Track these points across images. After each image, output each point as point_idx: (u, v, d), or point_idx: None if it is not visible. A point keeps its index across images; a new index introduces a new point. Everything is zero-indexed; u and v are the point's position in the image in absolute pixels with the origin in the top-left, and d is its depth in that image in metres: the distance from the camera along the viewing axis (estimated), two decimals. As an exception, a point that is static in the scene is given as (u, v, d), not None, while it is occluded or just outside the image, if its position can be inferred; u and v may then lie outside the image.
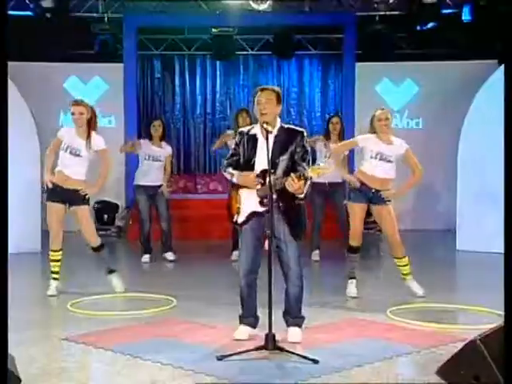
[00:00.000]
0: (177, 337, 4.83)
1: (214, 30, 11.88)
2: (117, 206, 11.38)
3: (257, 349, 4.30)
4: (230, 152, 4.82)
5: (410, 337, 4.83)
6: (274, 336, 4.30)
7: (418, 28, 10.64)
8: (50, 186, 6.11)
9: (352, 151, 8.34)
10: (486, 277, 7.41)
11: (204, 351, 4.45)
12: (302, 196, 4.47)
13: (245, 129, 4.79)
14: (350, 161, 8.46)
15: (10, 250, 3.45)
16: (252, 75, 13.58)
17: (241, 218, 4.63)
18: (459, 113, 9.58)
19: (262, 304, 4.55)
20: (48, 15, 10.21)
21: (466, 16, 9.98)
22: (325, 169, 4.34)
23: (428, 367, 4.07)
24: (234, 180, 4.64)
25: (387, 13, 11.25)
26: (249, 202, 4.59)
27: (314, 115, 13.65)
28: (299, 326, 4.72)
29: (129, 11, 11.55)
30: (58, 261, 6.31)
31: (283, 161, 4.54)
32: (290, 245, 4.56)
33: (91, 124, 6.17)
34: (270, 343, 4.28)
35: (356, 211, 6.07)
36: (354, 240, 6.12)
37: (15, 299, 4.67)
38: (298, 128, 4.76)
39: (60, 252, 6.30)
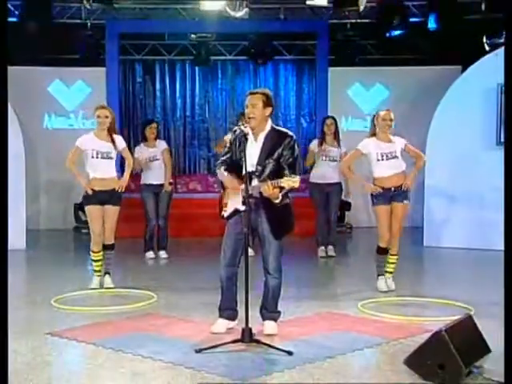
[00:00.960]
0: (157, 331, 4.81)
1: (193, 35, 11.85)
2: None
3: (234, 342, 4.30)
4: (225, 150, 4.75)
5: (379, 329, 4.86)
6: (250, 329, 4.30)
7: (387, 35, 10.69)
8: (91, 192, 6.18)
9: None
10: (451, 271, 7.49)
11: (183, 344, 4.43)
12: (278, 201, 4.44)
13: (239, 127, 4.65)
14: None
15: (-5, 248, 3.40)
16: (230, 79, 13.57)
17: (226, 213, 4.65)
18: (426, 116, 9.65)
19: (240, 299, 4.55)
20: (32, 21, 10.09)
21: (431, 24, 10.05)
22: (294, 182, 4.31)
23: (397, 357, 4.09)
24: (224, 181, 4.62)
25: (358, 20, 11.30)
26: (234, 199, 4.59)
27: (289, 118, 13.67)
28: (275, 320, 4.73)
29: (111, 17, 11.47)
30: (99, 260, 6.36)
31: (270, 163, 4.51)
32: (271, 242, 4.58)
33: (112, 127, 6.30)
34: (247, 336, 4.28)
35: (382, 214, 6.07)
36: (383, 241, 6.11)
37: None
38: (288, 131, 4.70)
39: (101, 253, 6.34)
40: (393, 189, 6.05)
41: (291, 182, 4.30)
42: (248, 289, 4.28)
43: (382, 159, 6.05)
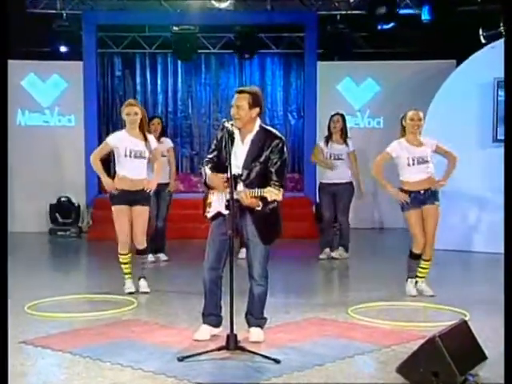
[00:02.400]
0: (137, 338, 4.80)
1: (175, 28, 11.79)
2: (76, 206, 11.23)
3: (218, 349, 4.29)
4: (212, 147, 4.69)
5: (371, 335, 4.87)
6: (235, 336, 4.30)
7: (379, 27, 10.73)
8: (116, 192, 6.18)
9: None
10: (445, 275, 7.53)
11: (165, 352, 4.42)
12: (259, 208, 4.42)
13: (228, 124, 4.52)
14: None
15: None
16: (214, 74, 13.55)
17: (210, 214, 4.63)
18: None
19: (224, 304, 4.54)
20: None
21: (425, 16, 10.11)
22: (276, 194, 4.28)
23: (389, 365, 4.11)
24: (207, 180, 4.57)
25: (348, 12, 11.33)
26: (217, 201, 4.57)
27: (277, 114, 13.67)
28: (261, 326, 4.73)
29: (88, 8, 11.42)
30: (127, 263, 6.37)
31: (256, 166, 4.49)
32: (256, 246, 4.57)
33: (144, 124, 6.30)
34: (232, 343, 4.28)
35: (414, 220, 6.07)
36: (418, 247, 6.12)
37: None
38: (277, 133, 4.63)
39: (129, 254, 6.34)
40: (422, 191, 6.07)
41: (273, 194, 4.28)
42: (233, 293, 4.28)
43: (413, 164, 6.08)
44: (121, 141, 6.24)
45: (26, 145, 11.27)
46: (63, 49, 11.28)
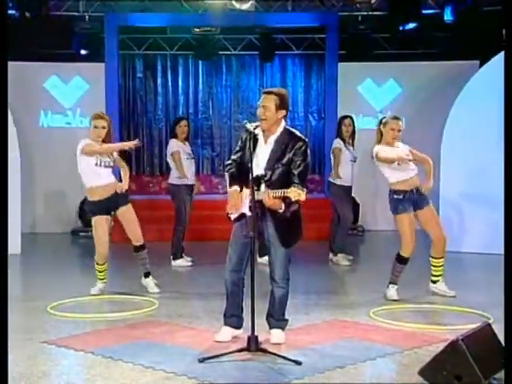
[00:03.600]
0: (158, 339, 4.81)
1: (196, 29, 11.85)
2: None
3: (239, 350, 4.29)
4: (236, 148, 4.69)
5: (392, 338, 4.85)
6: (256, 338, 4.29)
7: (401, 28, 10.68)
8: (91, 202, 6.27)
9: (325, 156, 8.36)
10: (469, 278, 7.47)
11: (186, 353, 4.43)
12: (281, 211, 4.42)
13: (251, 126, 4.55)
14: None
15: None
16: (235, 75, 13.58)
17: (233, 216, 4.63)
18: (442, 114, 9.62)
19: (245, 306, 4.55)
20: (28, 14, 10.12)
21: (447, 16, 10.04)
22: (299, 194, 4.27)
23: (411, 368, 4.09)
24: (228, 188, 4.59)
25: (370, 13, 11.30)
26: (244, 203, 4.57)
27: (297, 115, 13.66)
28: (282, 328, 4.72)
29: (110, 10, 11.50)
30: (103, 271, 6.43)
31: (279, 168, 4.48)
32: (277, 249, 4.57)
33: (108, 136, 6.31)
34: (253, 345, 4.28)
35: (406, 222, 6.01)
36: (408, 251, 6.05)
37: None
38: (301, 135, 4.60)
39: (106, 264, 6.41)
40: (414, 190, 6.03)
41: (297, 194, 4.25)
42: (254, 295, 4.28)
43: (402, 162, 6.03)
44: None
45: (48, 146, 11.39)
46: (85, 51, 11.38)
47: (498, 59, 9.12)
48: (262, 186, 4.46)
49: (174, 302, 6.05)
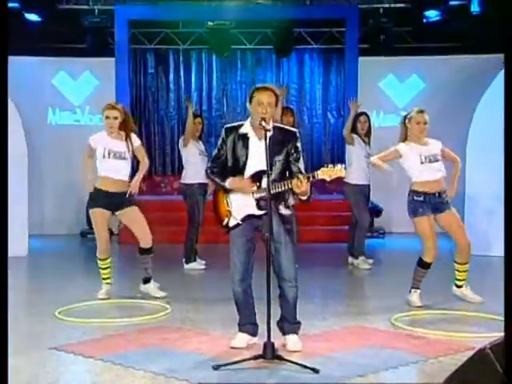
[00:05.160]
0: (170, 345, 4.82)
1: (210, 23, 11.87)
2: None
3: (255, 358, 4.28)
4: (215, 152, 4.71)
5: (415, 345, 4.82)
6: (272, 344, 4.28)
7: (424, 21, 10.62)
8: (93, 191, 6.26)
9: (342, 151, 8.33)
10: (495, 282, 7.40)
11: (199, 360, 4.44)
12: (305, 198, 4.48)
13: (233, 125, 4.70)
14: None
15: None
16: (250, 71, 13.60)
17: (232, 222, 4.63)
18: (467, 111, 9.56)
19: (259, 311, 4.54)
20: (35, 8, 10.19)
21: (474, 7, 9.97)
22: (338, 171, 4.34)
23: (435, 377, 4.05)
24: (226, 185, 4.59)
25: (391, 5, 11.26)
26: (241, 205, 4.58)
27: (315, 113, 13.66)
28: (297, 332, 4.72)
29: (120, 3, 11.55)
30: (107, 268, 6.44)
31: (278, 162, 4.54)
32: (285, 247, 4.58)
33: (127, 125, 6.30)
34: (269, 352, 4.27)
35: (426, 226, 5.97)
36: (430, 256, 6.02)
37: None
38: (291, 128, 4.82)
39: (108, 260, 6.42)
40: (437, 194, 5.98)
41: (333, 172, 4.36)
42: (270, 299, 4.27)
43: (426, 162, 5.98)
44: (100, 141, 6.29)
45: (56, 144, 11.47)
46: (95, 45, 11.43)
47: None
48: (264, 182, 4.47)
49: (186, 307, 6.06)
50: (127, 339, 5.02)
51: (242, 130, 4.63)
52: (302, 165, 4.60)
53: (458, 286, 6.24)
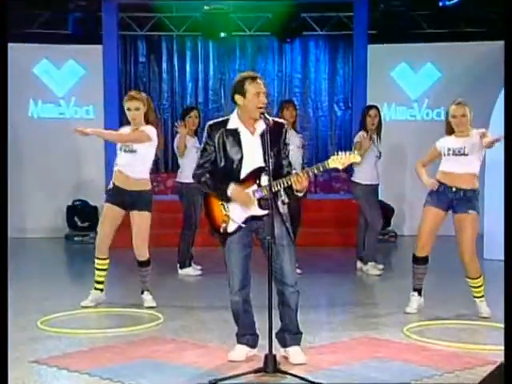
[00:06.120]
0: (163, 358, 4.83)
1: (206, 7, 11.86)
2: (95, 208, 11.36)
3: (255, 371, 4.29)
4: (201, 154, 4.67)
5: (430, 358, 4.83)
6: (274, 357, 4.29)
7: (440, 4, 10.62)
8: (111, 186, 6.34)
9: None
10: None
11: (194, 374, 4.44)
12: (301, 194, 4.50)
13: (218, 121, 4.69)
14: None
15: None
16: (250, 59, 13.61)
17: (232, 227, 4.61)
18: (488, 101, 9.55)
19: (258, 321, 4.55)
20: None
21: (495, -11, 9.97)
22: (351, 157, 4.39)
23: (451, 393, 4.07)
24: (229, 194, 4.53)
25: (404, -12, 11.26)
26: (241, 207, 4.56)
27: (321, 105, 13.67)
28: (299, 344, 4.72)
29: (109, -15, 11.55)
30: (103, 270, 6.45)
31: (272, 157, 4.52)
32: (286, 249, 4.59)
33: (149, 118, 6.35)
34: (271, 365, 4.27)
35: (428, 215, 6.02)
36: (417, 249, 6.09)
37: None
38: (279, 120, 4.85)
39: (106, 261, 6.44)
40: (454, 189, 5.97)
41: (346, 158, 4.41)
42: (271, 308, 4.28)
43: (449, 154, 6.01)
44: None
45: (38, 139, 11.45)
46: (80, 31, 11.43)
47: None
48: (264, 179, 4.47)
49: (181, 316, 6.07)
50: (116, 351, 5.02)
51: (231, 126, 4.60)
52: (290, 161, 4.69)
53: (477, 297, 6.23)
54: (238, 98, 4.59)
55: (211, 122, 4.70)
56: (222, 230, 4.62)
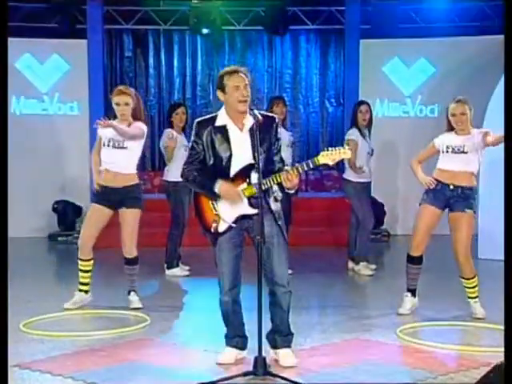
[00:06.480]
0: (150, 361, 4.82)
1: (194, 0, 11.85)
2: (79, 208, 11.34)
3: (244, 374, 4.30)
4: (190, 152, 4.66)
5: (424, 360, 4.84)
6: (264, 359, 4.29)
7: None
8: (98, 188, 6.30)
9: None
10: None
11: (182, 377, 4.44)
12: (293, 191, 4.50)
13: (205, 118, 4.70)
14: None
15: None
16: (239, 54, 13.59)
17: (222, 226, 4.61)
18: (483, 97, 9.56)
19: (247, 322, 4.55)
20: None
21: (490, -18, 10.01)
22: (342, 153, 4.40)
23: (445, 396, 4.08)
24: (216, 191, 4.53)
25: (397, -20, 11.29)
26: (231, 207, 4.56)
27: (312, 101, 13.67)
28: (290, 346, 4.73)
29: (93, -22, 11.52)
30: (87, 271, 6.43)
31: (263, 153, 4.52)
32: (278, 248, 4.59)
33: (137, 113, 6.31)
34: (260, 368, 4.27)
35: (424, 214, 6.04)
36: (415, 248, 6.11)
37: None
38: (269, 114, 4.86)
39: (90, 262, 6.41)
40: (451, 187, 5.99)
41: (336, 154, 4.46)
42: (261, 309, 4.28)
43: (447, 151, 6.03)
44: (104, 130, 6.27)
45: (21, 137, 11.36)
46: (64, 25, 11.38)
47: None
48: (254, 177, 4.46)
49: (168, 318, 6.07)
50: (101, 355, 5.00)
51: (219, 122, 4.59)
52: (282, 156, 4.67)
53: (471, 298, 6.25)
54: (219, 93, 4.63)
55: (199, 119, 4.70)
56: (212, 230, 4.62)
